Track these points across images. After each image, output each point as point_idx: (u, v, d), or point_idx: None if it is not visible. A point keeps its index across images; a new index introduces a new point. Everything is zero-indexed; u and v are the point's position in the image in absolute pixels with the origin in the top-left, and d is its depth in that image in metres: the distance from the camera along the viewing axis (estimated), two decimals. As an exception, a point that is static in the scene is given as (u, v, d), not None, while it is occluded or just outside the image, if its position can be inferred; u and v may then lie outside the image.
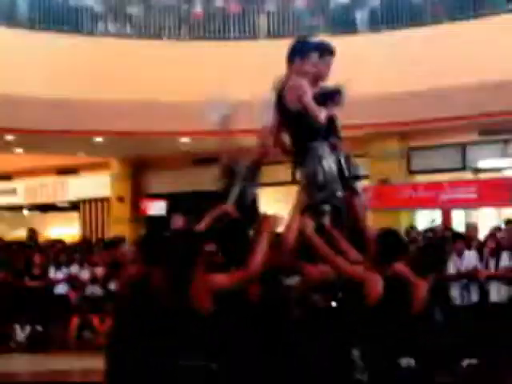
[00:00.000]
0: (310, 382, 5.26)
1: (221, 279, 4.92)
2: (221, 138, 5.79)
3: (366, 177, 14.95)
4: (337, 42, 5.83)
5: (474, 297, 11.12)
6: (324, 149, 5.32)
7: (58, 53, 14.49)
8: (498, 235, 11.60)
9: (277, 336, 5.10)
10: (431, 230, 12.54)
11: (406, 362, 5.19)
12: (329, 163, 5.27)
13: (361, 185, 5.37)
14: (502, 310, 10.76)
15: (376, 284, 5.08)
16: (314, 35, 10.71)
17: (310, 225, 5.28)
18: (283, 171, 5.31)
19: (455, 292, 11.14)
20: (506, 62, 13.01)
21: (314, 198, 5.25)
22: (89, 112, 14.47)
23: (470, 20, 14.13)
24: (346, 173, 5.40)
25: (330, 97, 5.46)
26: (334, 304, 5.48)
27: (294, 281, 5.83)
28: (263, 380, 5.03)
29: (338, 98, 5.48)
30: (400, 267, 5.34)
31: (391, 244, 5.29)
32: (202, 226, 5.47)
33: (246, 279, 4.93)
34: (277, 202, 7.91)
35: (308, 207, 5.29)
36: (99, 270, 13.29)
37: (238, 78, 14.10)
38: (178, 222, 7.48)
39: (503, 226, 12.01)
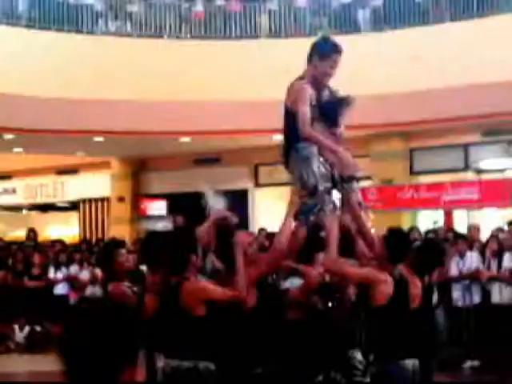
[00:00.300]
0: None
1: (215, 293, 4.96)
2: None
3: (368, 177, 14.89)
4: (338, 41, 5.74)
5: (476, 298, 11.06)
6: (312, 150, 5.12)
7: (57, 52, 14.41)
8: (501, 236, 11.55)
9: (273, 337, 5.06)
10: (433, 231, 12.46)
11: (407, 362, 5.14)
12: (317, 164, 5.11)
13: (356, 184, 5.24)
14: (503, 311, 10.70)
15: (387, 285, 5.08)
16: (315, 34, 10.63)
17: (302, 231, 5.19)
18: (283, 171, 5.19)
19: (457, 293, 11.08)
20: (509, 62, 12.92)
21: (307, 201, 5.11)
22: (89, 112, 14.40)
23: (473, 19, 14.04)
24: (337, 172, 5.22)
25: (336, 106, 5.29)
26: (330, 305, 5.46)
27: (290, 283, 5.79)
28: (261, 381, 4.99)
29: (343, 109, 5.30)
30: (401, 267, 5.31)
31: (400, 245, 5.27)
32: (201, 229, 5.39)
33: (238, 300, 4.96)
34: (277, 202, 7.86)
35: (301, 212, 5.16)
36: (99, 271, 13.21)
37: (239, 77, 14.04)
38: (178, 221, 7.45)
39: (505, 227, 11.95)
